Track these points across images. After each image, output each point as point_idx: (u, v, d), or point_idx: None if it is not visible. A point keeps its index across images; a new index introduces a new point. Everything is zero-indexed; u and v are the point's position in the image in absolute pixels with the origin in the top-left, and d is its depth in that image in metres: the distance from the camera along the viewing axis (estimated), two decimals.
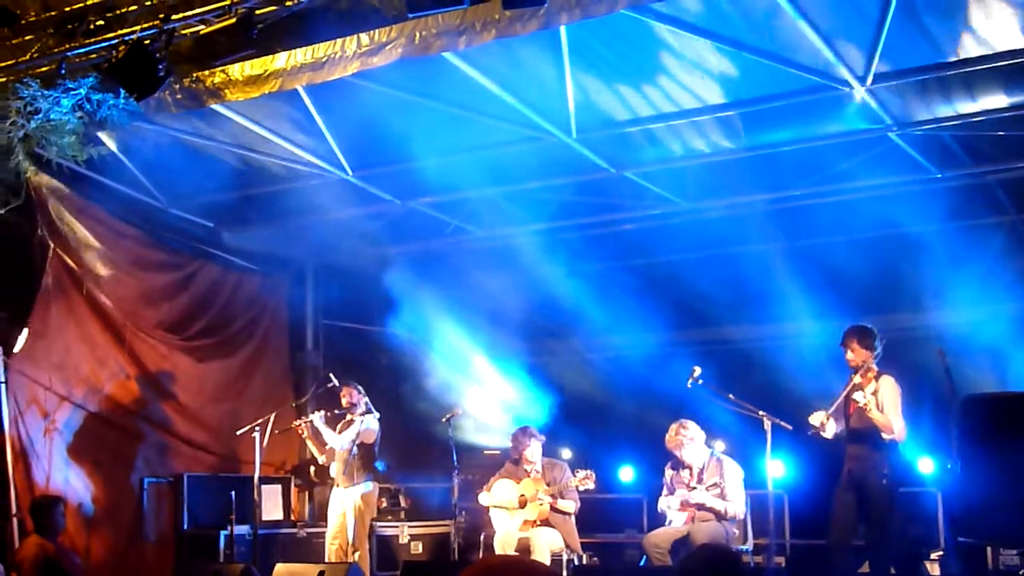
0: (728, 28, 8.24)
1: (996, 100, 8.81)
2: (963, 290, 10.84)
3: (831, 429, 8.64)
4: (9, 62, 8.43)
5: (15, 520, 10.05)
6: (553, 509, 10.02)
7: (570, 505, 10.09)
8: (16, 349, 10.10)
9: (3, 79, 8.49)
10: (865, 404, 8.34)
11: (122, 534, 11.25)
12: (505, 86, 9.18)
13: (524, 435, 10.36)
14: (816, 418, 8.60)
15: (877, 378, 8.51)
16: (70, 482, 10.76)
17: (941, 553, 10.25)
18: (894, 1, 7.67)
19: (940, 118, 9.21)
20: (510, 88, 9.23)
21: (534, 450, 10.28)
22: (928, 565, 10.17)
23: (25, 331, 10.09)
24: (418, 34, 7.83)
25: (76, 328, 11.10)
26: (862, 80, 8.62)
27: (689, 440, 9.61)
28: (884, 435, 8.40)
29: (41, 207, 10.63)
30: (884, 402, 8.43)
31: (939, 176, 10.42)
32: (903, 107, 9.17)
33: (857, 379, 8.55)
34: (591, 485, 9.98)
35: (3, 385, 10.32)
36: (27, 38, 8.34)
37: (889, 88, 8.84)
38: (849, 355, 8.68)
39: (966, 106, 8.93)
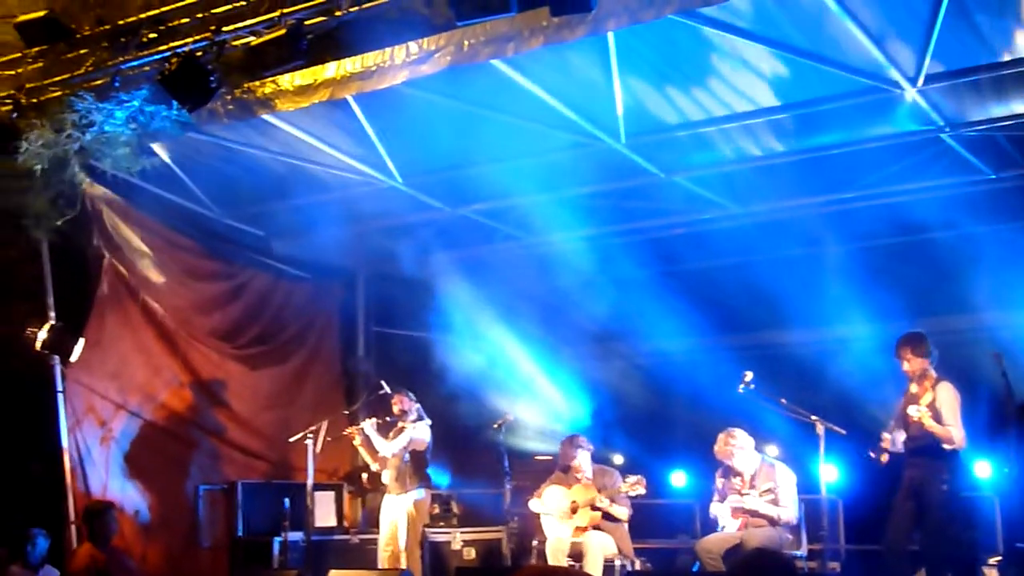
0: (777, 31, 8.20)
1: None
2: (1019, 291, 10.70)
3: (898, 440, 8.58)
4: (64, 76, 8.52)
5: (73, 528, 10.17)
6: (605, 515, 9.99)
7: (622, 511, 10.05)
8: (73, 358, 10.21)
9: (58, 92, 8.59)
10: (920, 418, 8.26)
11: (177, 541, 11.36)
12: (553, 92, 9.19)
13: (571, 445, 10.34)
14: (883, 452, 8.55)
15: (934, 386, 8.43)
16: (126, 490, 10.88)
17: (999, 559, 10.11)
18: (945, 0, 7.60)
19: (993, 118, 9.12)
20: (558, 94, 9.24)
21: (582, 459, 10.26)
22: (986, 571, 10.03)
23: (81, 340, 10.20)
24: (466, 42, 7.84)
25: (131, 337, 11.23)
26: (913, 81, 8.54)
27: (739, 449, 9.55)
28: (944, 445, 8.32)
29: (96, 218, 10.78)
30: (942, 411, 8.34)
31: (993, 177, 10.31)
32: (955, 108, 9.08)
33: (914, 388, 8.49)
34: (642, 490, 9.94)
35: (61, 394, 10.46)
36: (81, 52, 8.42)
37: (941, 89, 8.76)
38: (905, 365, 8.62)
39: (1020, 106, 8.82)
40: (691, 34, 8.31)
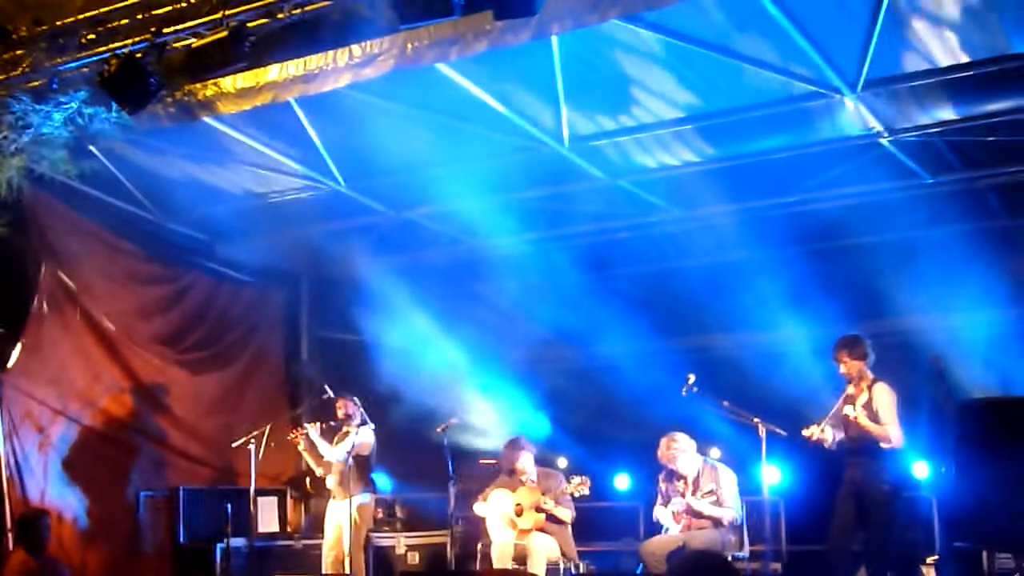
0: (718, 35, 8.26)
1: (986, 105, 8.83)
2: (956, 295, 10.85)
3: (830, 437, 8.66)
4: (1, 77, 8.42)
5: (9, 536, 10.02)
6: (549, 518, 10.01)
7: (566, 513, 10.09)
8: (10, 364, 10.07)
9: None
10: (855, 417, 8.37)
11: (118, 548, 11.25)
12: (497, 96, 9.19)
13: (514, 448, 10.38)
14: (809, 432, 8.63)
15: (871, 386, 8.54)
16: (66, 497, 10.75)
17: (937, 558, 10.24)
18: (884, 6, 7.69)
19: (931, 124, 9.21)
20: (502, 98, 9.24)
21: (525, 461, 10.28)
22: (924, 570, 10.16)
23: (19, 346, 10.07)
24: (410, 45, 7.84)
25: (70, 342, 11.09)
26: (852, 87, 8.63)
27: (681, 452, 9.63)
28: (882, 444, 8.42)
29: (34, 222, 10.64)
30: (879, 410, 8.45)
31: (931, 181, 10.43)
32: (894, 113, 9.17)
33: (851, 390, 8.59)
34: (586, 491, 9.98)
35: None
36: (18, 52, 8.31)
37: (879, 94, 8.83)
38: (842, 368, 8.72)
39: (957, 111, 8.94)
40: (630, 38, 8.35)
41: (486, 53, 7.79)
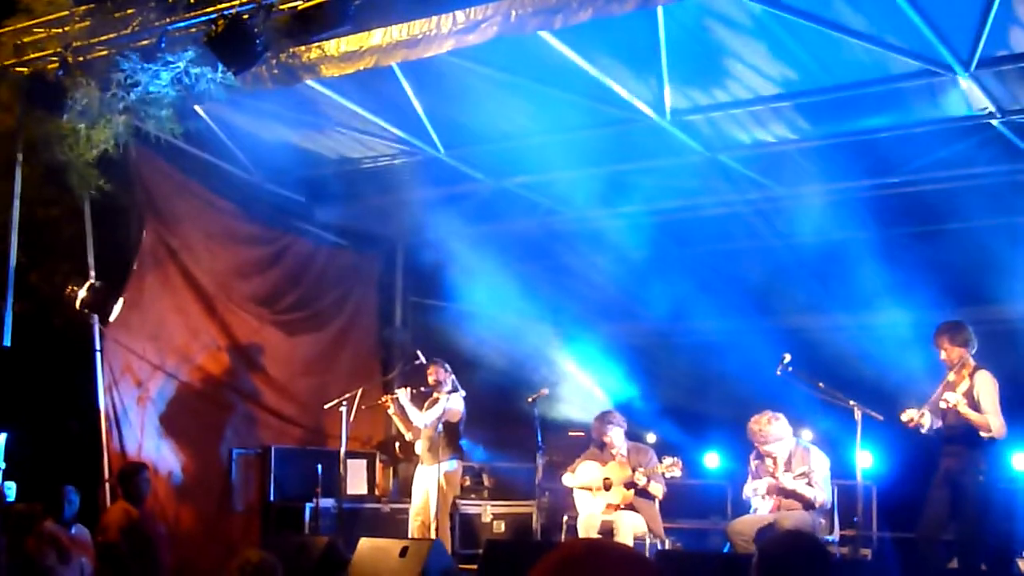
0: (830, 11, 8.09)
1: None
2: None
3: (927, 422, 8.48)
4: (111, 35, 8.56)
5: (107, 486, 10.25)
6: (639, 493, 9.96)
7: (659, 488, 10.01)
8: (111, 318, 10.27)
9: (104, 52, 8.63)
10: (955, 404, 8.17)
11: (210, 503, 11.43)
12: (600, 66, 9.11)
13: (603, 421, 10.30)
14: (907, 416, 8.46)
15: (972, 374, 8.33)
16: (161, 451, 10.94)
17: None
18: None
19: None
20: (605, 69, 9.16)
21: (615, 435, 10.22)
22: (1020, 563, 9.94)
23: (120, 301, 10.25)
24: (514, 12, 7.80)
25: (170, 299, 11.28)
26: (966, 65, 8.41)
27: (775, 432, 9.42)
28: (982, 433, 8.22)
29: (139, 180, 10.82)
30: (980, 399, 8.24)
31: None
32: (1007, 93, 8.94)
33: (952, 377, 8.39)
34: (678, 473, 9.90)
35: (99, 353, 10.52)
36: (128, 12, 8.46)
37: (994, 73, 8.62)
38: (942, 354, 8.51)
39: None
40: (739, 11, 8.22)
41: (589, 22, 7.71)
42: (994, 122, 9.42)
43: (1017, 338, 10.11)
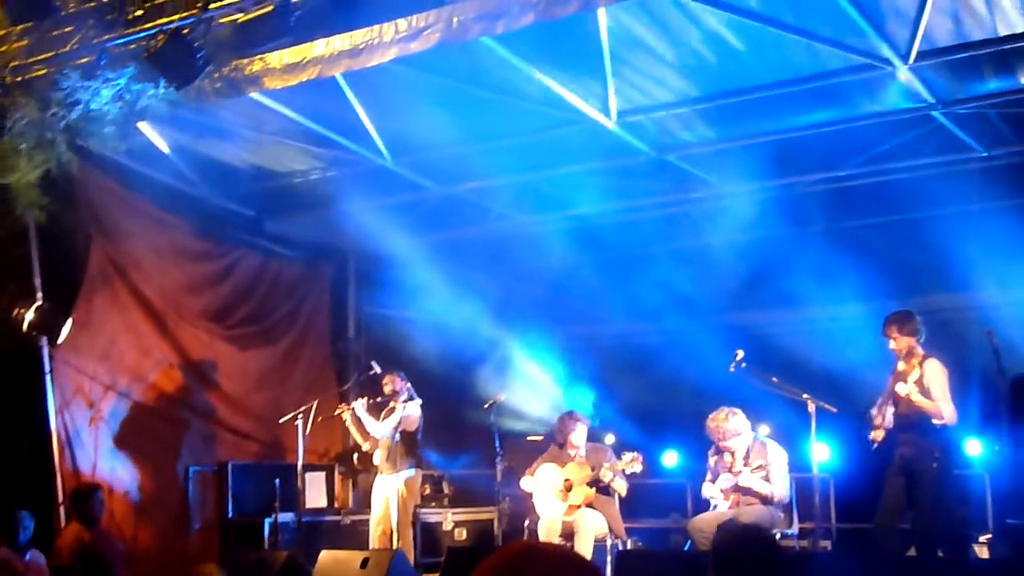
0: (770, 8, 8.15)
1: None
2: (1011, 269, 10.69)
3: (883, 420, 8.56)
4: (50, 53, 8.47)
5: (62, 510, 10.13)
6: (602, 491, 9.97)
7: (622, 486, 10.03)
8: (60, 339, 10.16)
9: (44, 71, 8.54)
10: (908, 394, 8.25)
11: (168, 522, 11.33)
12: (544, 70, 9.13)
13: (570, 419, 10.34)
14: (872, 435, 8.54)
15: (922, 363, 8.41)
16: (116, 471, 10.82)
17: (990, 536, 10.13)
18: None
19: (985, 95, 9.09)
20: (549, 72, 9.18)
21: (579, 434, 10.25)
22: (976, 548, 10.06)
23: (69, 321, 10.14)
24: (456, 18, 7.79)
25: (120, 318, 11.16)
26: (905, 58, 8.50)
27: (732, 428, 9.52)
28: (934, 420, 8.31)
29: (84, 198, 10.70)
30: (931, 387, 8.34)
31: (984, 155, 10.28)
32: (947, 85, 9.04)
33: (902, 366, 8.47)
34: (639, 468, 9.93)
35: (49, 375, 10.40)
36: (67, 30, 8.37)
37: (932, 66, 8.71)
38: (891, 344, 8.60)
39: (1012, 82, 8.79)
40: (678, 11, 8.27)
41: (532, 26, 7.72)
42: (935, 113, 9.53)
43: (964, 326, 10.23)
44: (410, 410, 10.61)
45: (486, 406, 10.73)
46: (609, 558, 9.90)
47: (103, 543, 9.31)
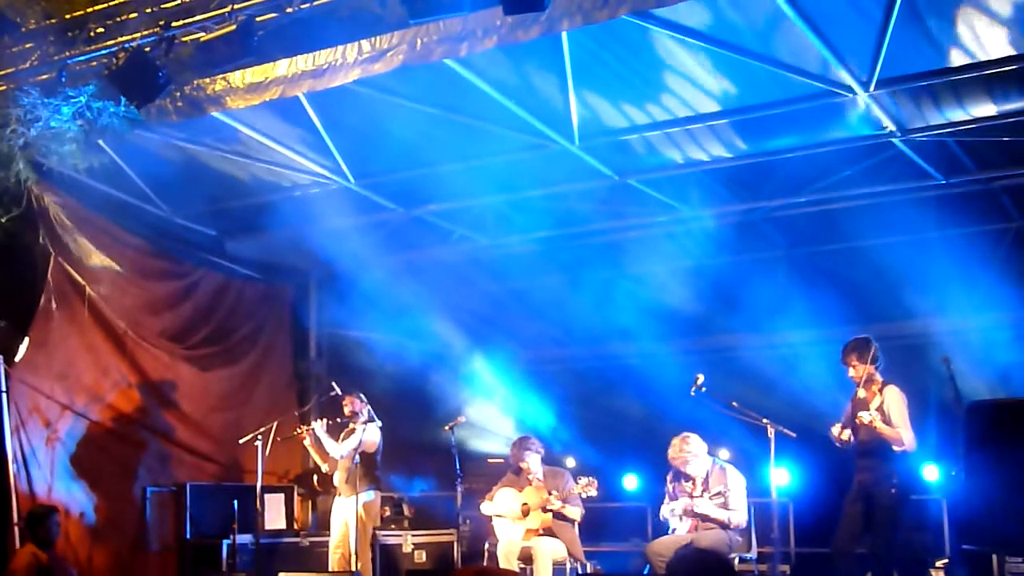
0: (731, 34, 8.21)
1: (1001, 105, 8.77)
2: (969, 297, 10.78)
3: (847, 436, 8.61)
4: (9, 70, 8.41)
5: (16, 530, 10.01)
6: (557, 516, 9.97)
7: (575, 512, 10.04)
8: (17, 358, 10.06)
9: (3, 87, 8.47)
10: (871, 421, 8.30)
11: (125, 543, 11.21)
12: (508, 93, 9.15)
13: (521, 447, 10.33)
14: (837, 432, 8.58)
15: (881, 389, 8.48)
16: (72, 492, 10.72)
17: (946, 561, 10.18)
18: (897, 5, 7.63)
19: (945, 124, 9.18)
20: (513, 95, 9.20)
21: (532, 461, 10.24)
22: (933, 573, 10.10)
23: (26, 340, 10.06)
24: (419, 40, 7.82)
25: (78, 337, 11.07)
26: (865, 86, 8.58)
27: (692, 453, 9.55)
28: (894, 447, 8.36)
29: (43, 216, 10.62)
30: (891, 413, 8.39)
31: (944, 182, 10.39)
32: (907, 113, 9.13)
33: (862, 393, 8.52)
34: (593, 492, 9.92)
35: (4, 394, 10.28)
36: (27, 46, 8.31)
37: (892, 93, 8.80)
38: (851, 372, 8.64)
39: (971, 112, 8.89)
40: (643, 37, 8.31)
41: (495, 49, 7.75)
42: (895, 140, 9.61)
43: (922, 353, 10.30)
44: (369, 432, 10.55)
45: (447, 428, 10.71)
46: None
47: (58, 566, 9.20)
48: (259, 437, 10.47)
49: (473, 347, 13.07)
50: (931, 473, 10.93)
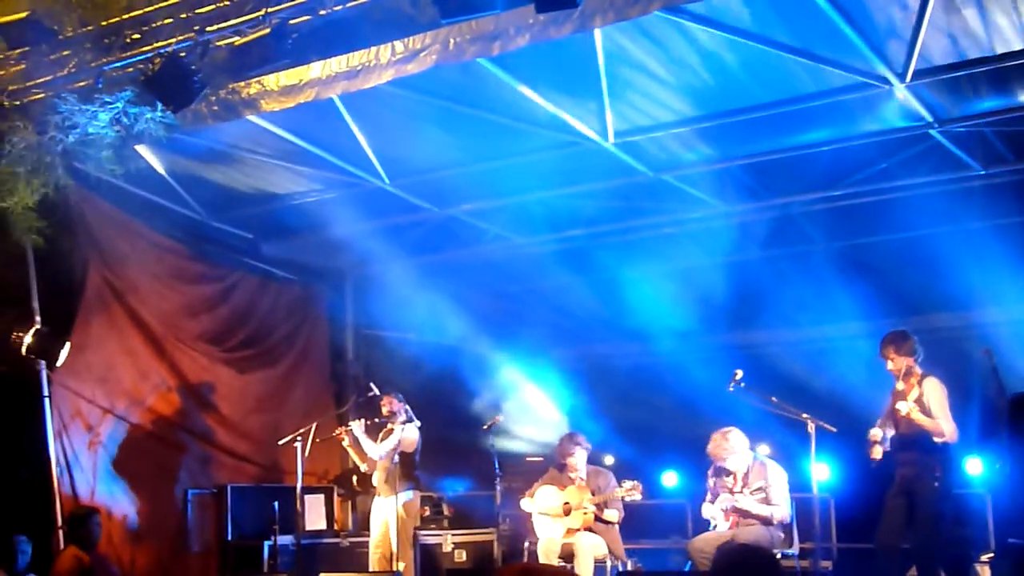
0: (765, 28, 8.16)
1: None
2: (1010, 288, 10.68)
3: (880, 436, 8.54)
4: (47, 77, 8.46)
5: (60, 534, 10.08)
6: (597, 517, 9.96)
7: (614, 515, 10.03)
8: (59, 363, 10.14)
9: (41, 94, 8.53)
10: (908, 413, 8.23)
11: (166, 545, 11.29)
12: (541, 92, 9.14)
13: (570, 441, 10.32)
14: (875, 454, 8.51)
15: (921, 381, 8.41)
16: (115, 495, 10.79)
17: (991, 555, 10.09)
18: None
19: (982, 113, 9.11)
20: (546, 94, 9.19)
21: (579, 458, 10.23)
22: (978, 568, 10.01)
23: (67, 345, 10.13)
24: (452, 40, 7.82)
25: (118, 341, 11.15)
26: (902, 77, 8.51)
27: (733, 448, 9.51)
28: (935, 438, 8.29)
29: (81, 222, 10.70)
30: (931, 405, 8.32)
31: (982, 173, 10.29)
32: (944, 103, 9.06)
33: (900, 386, 8.45)
34: (638, 496, 9.93)
35: (47, 399, 10.36)
36: (64, 53, 8.35)
37: (929, 84, 8.73)
38: (889, 364, 8.58)
39: (1009, 101, 8.81)
40: (674, 32, 8.28)
41: (528, 47, 7.74)
42: (932, 132, 9.54)
43: (963, 345, 10.21)
44: (408, 432, 10.57)
45: (485, 427, 10.72)
46: None
47: (100, 568, 9.26)
48: (298, 438, 10.50)
49: (509, 345, 13.07)
50: (975, 467, 10.84)
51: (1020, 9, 7.74)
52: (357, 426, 10.68)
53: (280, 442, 10.81)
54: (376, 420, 10.77)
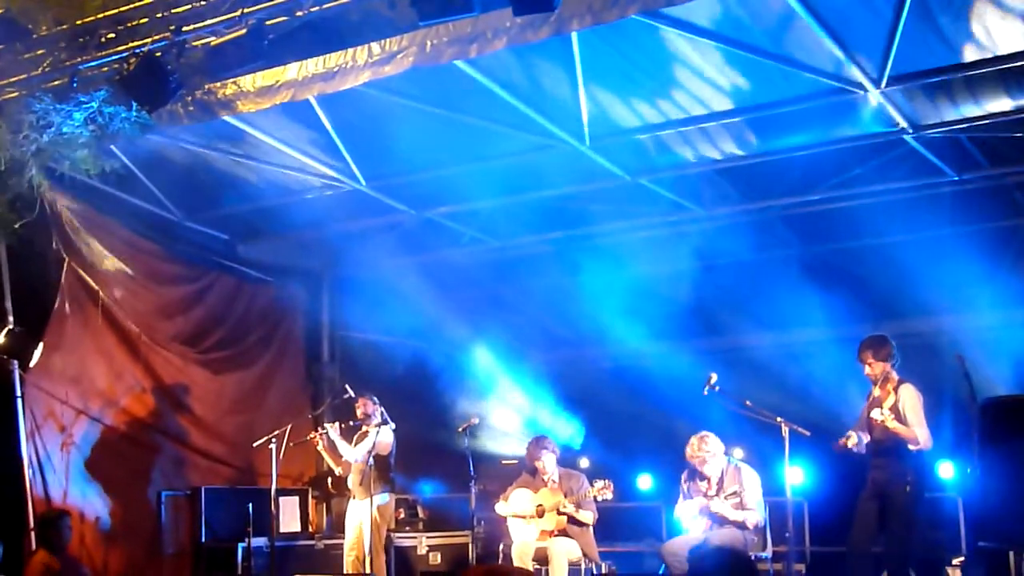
0: (741, 33, 8.19)
1: (1015, 100, 8.74)
2: (982, 294, 10.74)
3: (855, 441, 8.57)
4: (21, 76, 8.41)
5: (32, 535, 10.03)
6: (571, 520, 9.96)
7: (588, 516, 10.03)
8: (32, 363, 10.09)
9: (15, 93, 8.48)
10: (883, 420, 8.27)
11: (140, 548, 11.25)
12: (518, 94, 9.15)
13: (537, 446, 10.34)
14: (844, 441, 8.53)
15: (897, 388, 8.45)
16: (88, 496, 10.75)
17: (963, 559, 10.14)
18: (908, 2, 7.61)
19: (957, 120, 9.15)
20: (523, 96, 9.20)
21: (547, 461, 10.23)
22: (950, 571, 10.06)
23: (41, 345, 10.09)
24: (429, 43, 7.82)
25: (92, 342, 11.10)
26: (876, 83, 8.55)
27: (711, 456, 9.52)
28: (910, 445, 8.33)
29: (55, 221, 10.64)
30: (906, 412, 8.36)
31: (956, 179, 10.35)
32: (919, 109, 9.10)
33: (877, 391, 8.50)
34: (609, 495, 9.93)
35: (20, 399, 10.31)
36: (39, 52, 8.31)
37: (904, 90, 8.78)
38: (867, 369, 8.62)
39: (983, 107, 8.86)
40: (653, 36, 8.29)
41: (506, 50, 7.74)
42: (907, 138, 9.59)
43: (936, 350, 10.25)
44: (383, 434, 10.55)
45: (461, 429, 10.71)
46: None
47: (71, 570, 9.20)
48: (273, 440, 10.48)
49: (485, 348, 13.06)
50: (946, 471, 10.89)
51: (995, 16, 7.78)
52: (332, 429, 10.67)
53: (255, 444, 10.78)
54: (351, 423, 10.76)
